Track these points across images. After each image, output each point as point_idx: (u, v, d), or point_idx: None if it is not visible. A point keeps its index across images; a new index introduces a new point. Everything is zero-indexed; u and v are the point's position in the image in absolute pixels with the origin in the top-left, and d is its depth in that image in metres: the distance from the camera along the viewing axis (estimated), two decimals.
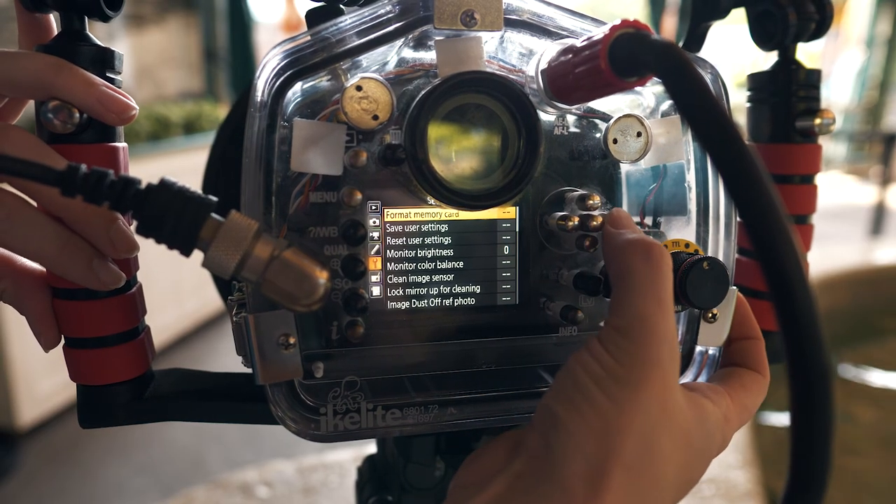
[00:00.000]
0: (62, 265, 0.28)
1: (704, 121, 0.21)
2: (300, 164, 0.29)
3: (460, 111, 0.30)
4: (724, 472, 1.27)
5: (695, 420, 0.26)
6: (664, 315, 0.25)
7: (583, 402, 0.24)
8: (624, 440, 0.23)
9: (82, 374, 0.31)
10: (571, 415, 0.24)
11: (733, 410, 0.29)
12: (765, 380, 0.32)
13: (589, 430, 0.24)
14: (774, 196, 0.20)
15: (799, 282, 0.19)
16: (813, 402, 0.20)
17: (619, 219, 0.29)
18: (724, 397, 0.29)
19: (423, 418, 0.31)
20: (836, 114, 0.39)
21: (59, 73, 0.27)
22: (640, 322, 0.25)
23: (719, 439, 0.28)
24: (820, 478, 0.20)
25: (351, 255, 0.30)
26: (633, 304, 0.25)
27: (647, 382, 0.24)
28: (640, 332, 0.25)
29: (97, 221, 0.28)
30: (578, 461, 0.23)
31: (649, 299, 0.25)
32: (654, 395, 0.24)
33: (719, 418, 0.28)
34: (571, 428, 0.24)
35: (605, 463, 0.23)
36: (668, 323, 0.25)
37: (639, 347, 0.24)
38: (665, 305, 0.25)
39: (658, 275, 0.26)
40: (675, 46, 0.22)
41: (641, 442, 0.23)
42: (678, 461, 0.25)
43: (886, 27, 6.61)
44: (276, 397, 0.30)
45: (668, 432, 0.24)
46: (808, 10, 0.38)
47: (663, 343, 0.25)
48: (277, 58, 0.29)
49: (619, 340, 0.25)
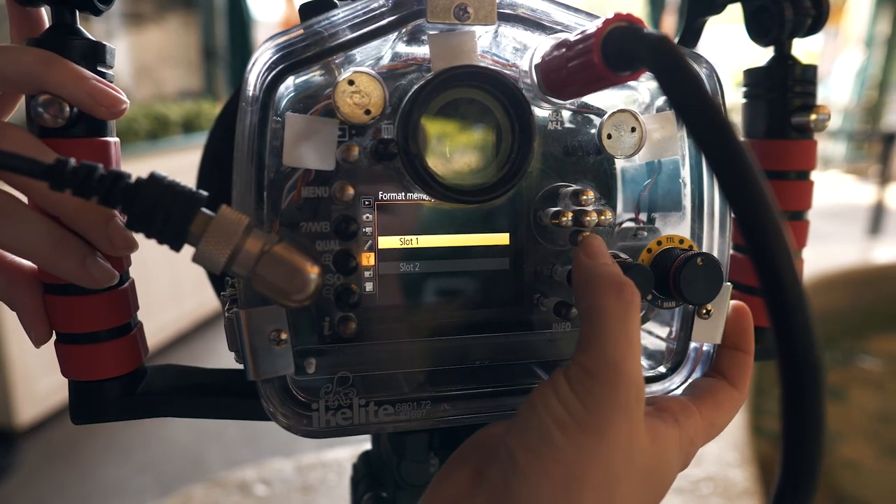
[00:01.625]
0: (55, 263, 0.28)
1: (696, 114, 0.20)
2: (292, 158, 0.29)
3: (453, 106, 0.30)
4: (722, 470, 1.27)
5: (656, 455, 0.26)
6: (632, 357, 0.25)
7: (544, 449, 0.24)
8: (584, 491, 0.23)
9: (74, 369, 0.31)
10: (531, 462, 0.24)
11: (701, 430, 0.29)
12: (741, 396, 0.31)
13: (549, 479, 0.23)
14: (766, 191, 0.19)
15: (790, 275, 0.19)
16: (803, 400, 0.20)
17: (593, 246, 0.29)
18: (693, 417, 0.29)
19: (415, 414, 0.31)
20: (835, 113, 0.39)
21: (48, 66, 0.27)
22: (609, 366, 0.24)
23: (681, 464, 0.28)
24: (811, 472, 0.20)
25: (343, 251, 0.30)
26: (604, 346, 0.25)
27: (613, 429, 0.24)
28: (610, 376, 0.24)
29: (95, 219, 0.28)
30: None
31: (620, 342, 0.25)
32: (619, 443, 0.24)
33: (684, 443, 0.28)
34: (531, 476, 0.24)
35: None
36: (635, 364, 0.25)
37: (607, 391, 0.24)
38: (634, 346, 0.25)
39: (629, 314, 0.25)
40: (668, 40, 0.22)
41: (602, 492, 0.23)
42: (637, 499, 0.25)
43: (886, 27, 6.60)
44: (268, 393, 0.29)
45: (627, 480, 0.24)
46: (804, 6, 0.38)
47: (631, 386, 0.24)
48: (269, 52, 0.28)
49: (587, 382, 0.24)
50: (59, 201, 0.28)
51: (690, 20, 0.41)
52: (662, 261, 0.31)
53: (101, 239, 0.28)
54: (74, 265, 0.28)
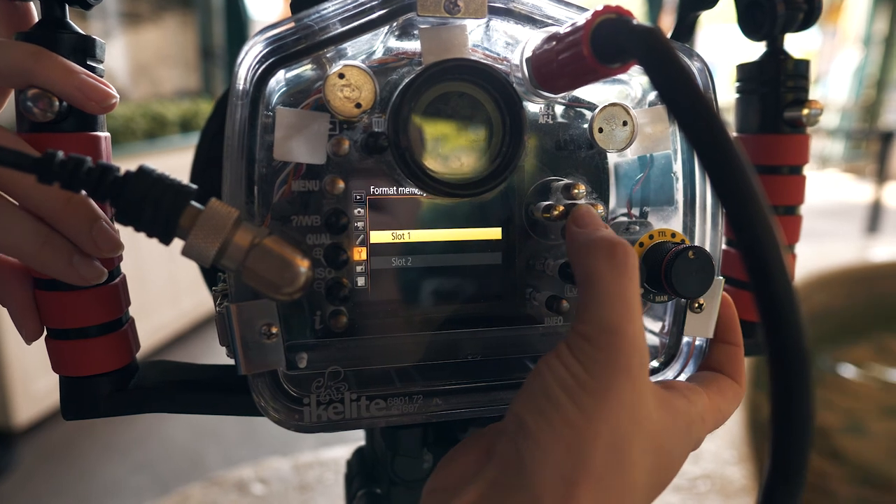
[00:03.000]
0: (42, 262, 0.28)
1: (683, 106, 0.20)
2: (283, 153, 0.29)
3: (444, 99, 0.30)
4: (719, 468, 1.27)
5: (665, 423, 0.26)
6: (631, 320, 0.25)
7: (552, 412, 0.24)
8: (593, 451, 0.23)
9: (65, 365, 0.31)
10: (541, 425, 0.24)
11: (709, 412, 0.29)
12: (740, 389, 0.31)
13: (558, 441, 0.24)
14: (754, 183, 0.19)
15: (778, 269, 0.19)
16: (792, 390, 0.20)
17: (583, 216, 0.29)
18: (701, 397, 0.29)
19: (407, 409, 0.31)
20: (833, 112, 0.39)
21: (38, 60, 0.27)
22: (607, 331, 0.24)
23: (693, 439, 0.28)
24: (799, 465, 0.20)
25: (334, 244, 0.30)
26: (599, 311, 0.25)
27: (616, 391, 0.24)
28: (608, 341, 0.24)
29: (79, 220, 0.28)
30: (549, 472, 0.23)
31: (616, 305, 0.25)
32: (624, 403, 0.24)
33: (694, 418, 0.27)
34: (541, 439, 0.24)
35: (575, 474, 0.23)
36: (635, 327, 0.25)
37: (607, 356, 0.24)
38: (632, 309, 0.25)
39: (623, 277, 0.25)
40: (657, 32, 0.22)
41: (611, 452, 0.23)
42: (648, 467, 0.24)
43: (883, 26, 6.61)
44: (259, 387, 0.29)
45: (637, 440, 0.24)
46: (796, 1, 0.38)
47: (632, 350, 0.24)
48: (259, 45, 0.28)
49: (587, 348, 0.25)
50: (43, 202, 0.28)
51: (683, 15, 0.41)
52: (654, 255, 0.31)
53: (86, 240, 0.28)
54: (61, 263, 0.28)
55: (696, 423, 0.28)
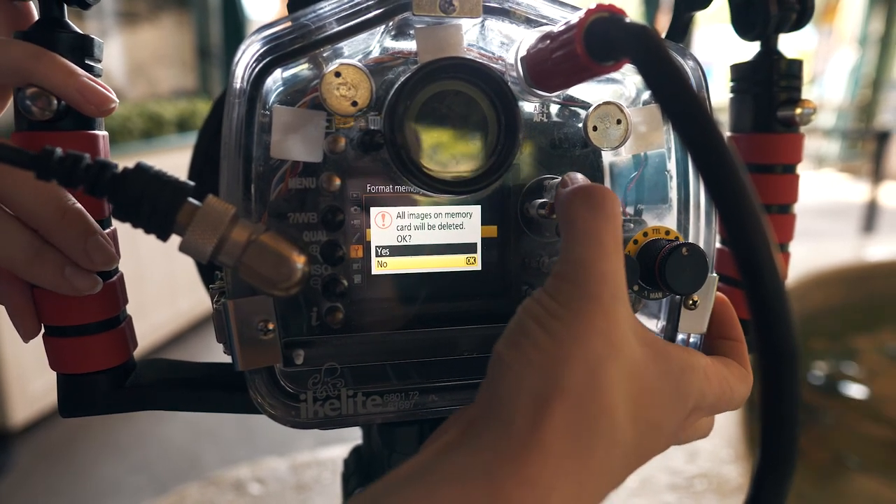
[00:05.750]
0: (33, 274, 0.28)
1: (676, 103, 0.21)
2: (280, 151, 0.29)
3: (440, 98, 0.30)
4: (716, 466, 1.27)
5: (650, 358, 0.25)
6: (605, 258, 0.25)
7: (525, 341, 0.24)
8: (565, 371, 0.23)
9: (62, 362, 0.31)
10: (514, 354, 0.24)
11: (713, 372, 0.28)
12: (748, 374, 0.31)
13: (530, 365, 0.24)
14: (745, 181, 0.20)
15: (769, 266, 0.19)
16: (781, 383, 0.20)
17: (570, 178, 0.29)
18: (703, 358, 0.28)
19: (404, 405, 0.32)
20: (829, 112, 0.39)
21: (38, 60, 0.27)
22: (579, 265, 0.25)
23: (693, 389, 0.26)
24: (788, 456, 0.20)
25: (330, 241, 0.30)
26: (574, 250, 0.25)
27: (586, 316, 0.24)
28: (579, 274, 0.24)
29: (74, 233, 0.28)
30: (522, 396, 0.23)
31: (590, 244, 0.25)
32: (596, 328, 0.24)
33: (693, 366, 0.27)
34: (514, 366, 0.24)
35: (547, 392, 0.23)
36: (607, 263, 0.25)
37: (577, 287, 0.24)
38: (605, 246, 0.25)
39: (599, 217, 0.25)
40: (649, 30, 0.22)
41: (584, 371, 0.23)
42: (628, 392, 0.24)
43: (879, 25, 6.63)
44: (256, 384, 0.30)
45: (614, 363, 0.24)
46: (789, 1, 0.38)
47: (603, 280, 0.24)
48: (256, 44, 0.29)
49: (560, 284, 0.25)
50: (38, 213, 0.28)
51: (678, 15, 0.41)
52: (648, 252, 0.32)
53: (80, 253, 0.28)
54: (53, 275, 0.28)
55: (695, 373, 0.27)
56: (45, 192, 0.28)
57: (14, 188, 0.27)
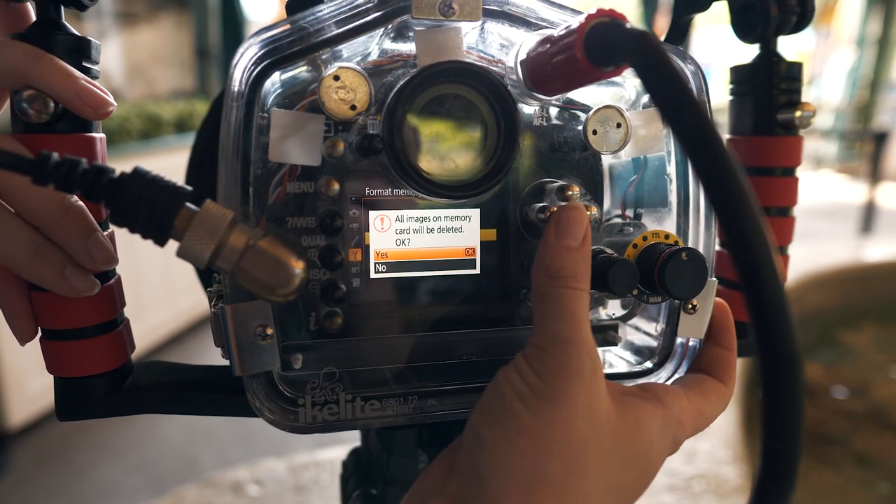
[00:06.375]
0: (33, 272, 0.28)
1: (675, 108, 0.21)
2: (278, 154, 0.29)
3: (439, 101, 0.30)
4: (714, 467, 1.27)
5: (629, 426, 0.26)
6: (580, 329, 0.26)
7: (507, 421, 0.24)
8: (548, 457, 0.23)
9: (59, 365, 0.31)
10: (496, 436, 0.24)
11: (689, 414, 0.29)
12: (728, 390, 0.32)
13: (513, 449, 0.24)
14: (745, 187, 0.20)
15: (768, 269, 0.19)
16: (782, 389, 0.20)
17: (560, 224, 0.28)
18: (680, 399, 0.29)
19: (402, 409, 0.31)
20: (827, 113, 0.39)
21: (36, 62, 0.27)
22: (559, 341, 0.25)
23: (667, 442, 0.28)
24: (790, 462, 0.20)
25: (329, 246, 0.30)
26: (550, 324, 0.26)
27: (569, 395, 0.24)
28: (560, 349, 0.25)
29: (75, 231, 0.28)
30: (505, 482, 0.23)
31: (564, 318, 0.26)
32: (578, 407, 0.24)
33: (668, 420, 0.28)
34: (497, 450, 0.24)
35: (532, 481, 0.23)
36: (584, 336, 0.25)
37: (559, 362, 0.25)
38: (578, 320, 0.26)
39: (561, 294, 0.26)
40: (649, 35, 0.22)
41: (567, 457, 0.24)
42: (612, 471, 0.25)
43: (877, 27, 6.65)
44: (254, 388, 0.29)
45: (595, 445, 0.24)
46: (789, 3, 0.38)
47: (584, 356, 0.25)
48: (255, 47, 0.28)
49: (542, 357, 0.25)
50: (40, 210, 0.28)
51: (677, 17, 0.41)
52: (648, 256, 0.32)
53: (81, 251, 0.28)
54: (53, 274, 0.28)
55: (672, 425, 0.28)
56: (46, 190, 0.28)
57: (16, 186, 0.27)
